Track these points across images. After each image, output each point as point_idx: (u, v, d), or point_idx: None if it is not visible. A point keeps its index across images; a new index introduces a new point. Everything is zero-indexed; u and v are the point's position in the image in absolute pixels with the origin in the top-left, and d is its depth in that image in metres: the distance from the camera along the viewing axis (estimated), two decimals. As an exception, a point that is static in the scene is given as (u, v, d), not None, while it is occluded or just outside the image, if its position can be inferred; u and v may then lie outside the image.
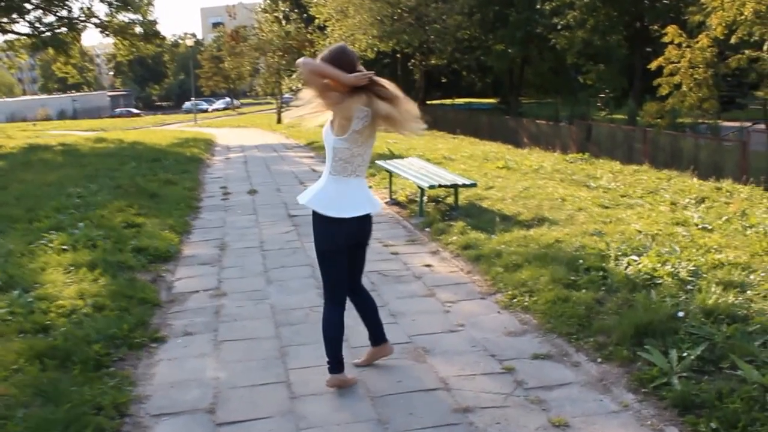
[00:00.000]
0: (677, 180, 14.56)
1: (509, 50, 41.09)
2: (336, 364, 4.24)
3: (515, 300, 5.77)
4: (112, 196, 10.79)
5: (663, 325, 4.63)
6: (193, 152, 20.03)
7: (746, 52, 22.25)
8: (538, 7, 38.19)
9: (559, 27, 36.51)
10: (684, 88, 22.17)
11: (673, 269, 5.92)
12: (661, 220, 8.61)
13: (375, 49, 35.88)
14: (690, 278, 5.74)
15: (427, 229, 8.75)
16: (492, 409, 3.93)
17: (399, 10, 35.21)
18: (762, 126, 28.60)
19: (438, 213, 9.39)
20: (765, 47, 21.56)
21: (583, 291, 5.60)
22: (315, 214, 4.17)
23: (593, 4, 34.70)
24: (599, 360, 4.51)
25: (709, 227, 8.19)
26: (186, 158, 18.35)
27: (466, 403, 4.00)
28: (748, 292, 5.42)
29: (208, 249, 8.11)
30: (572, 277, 5.93)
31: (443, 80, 48.65)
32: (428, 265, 7.13)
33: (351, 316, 4.51)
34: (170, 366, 4.70)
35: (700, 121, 25.47)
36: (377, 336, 4.57)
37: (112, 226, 8.61)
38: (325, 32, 37.73)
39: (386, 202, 10.70)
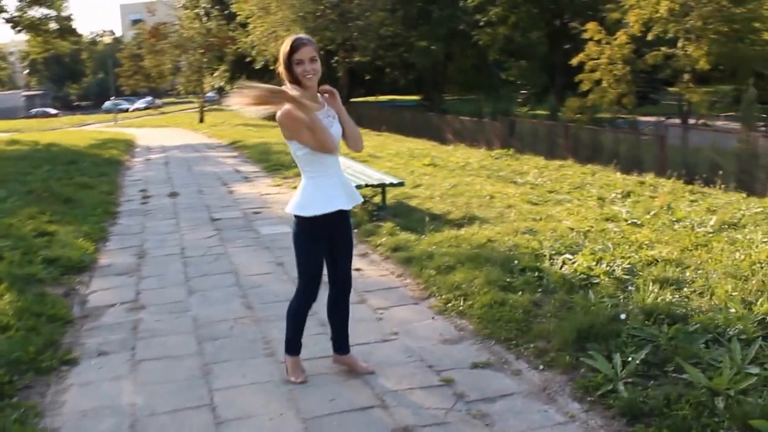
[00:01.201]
0: (601, 174, 14.68)
1: (432, 47, 41.15)
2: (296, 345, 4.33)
3: (449, 304, 5.54)
4: (23, 203, 10.19)
5: (604, 328, 4.47)
6: (112, 154, 19.33)
7: (662, 48, 22.70)
8: (461, 4, 38.31)
9: (481, 24, 36.69)
10: (604, 84, 22.50)
11: (608, 268, 5.80)
12: (591, 216, 8.56)
13: (297, 46, 35.35)
14: (626, 276, 5.63)
15: (355, 231, 8.44)
16: (433, 427, 3.67)
17: (322, 7, 34.83)
18: (675, 120, 29.25)
19: (365, 213, 9.12)
20: (679, 44, 22.03)
21: (520, 293, 5.42)
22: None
23: (515, 1, 35.00)
24: (541, 367, 4.31)
25: (638, 222, 8.16)
26: (104, 160, 17.67)
27: (405, 422, 3.73)
28: (684, 289, 5.33)
29: (125, 257, 7.65)
30: (507, 279, 5.74)
31: (367, 77, 48.39)
32: (357, 269, 6.82)
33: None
34: (82, 392, 4.28)
35: (618, 116, 25.88)
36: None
37: (21, 235, 8.07)
38: (247, 29, 37.09)
39: (312, 203, 10.39)
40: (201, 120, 41.20)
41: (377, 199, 9.81)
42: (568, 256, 6.25)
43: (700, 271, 5.81)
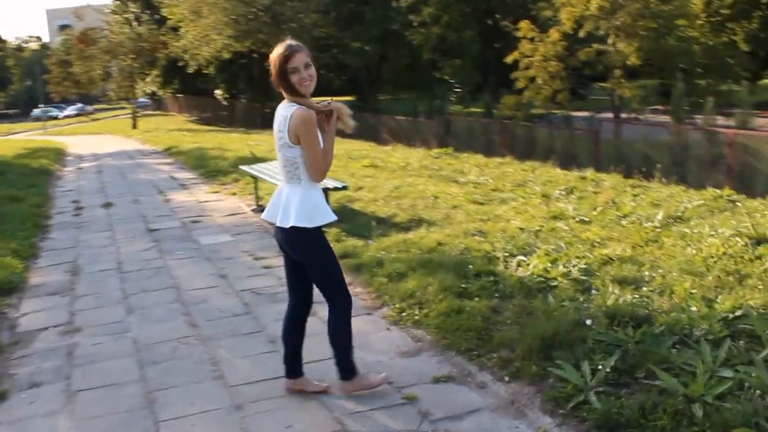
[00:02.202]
0: (541, 171, 14.64)
1: (366, 47, 40.98)
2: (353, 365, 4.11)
3: (404, 314, 5.32)
4: (-57, 219, 9.63)
5: (569, 335, 4.31)
6: (41, 163, 18.56)
7: (594, 45, 22.98)
8: (394, 4, 38.25)
9: (414, 24, 36.68)
10: (539, 81, 22.64)
11: (565, 269, 5.67)
12: (539, 214, 8.45)
13: (231, 49, 34.83)
14: (583, 278, 5.51)
15: (300, 238, 8.21)
16: (399, 452, 3.46)
17: (254, 9, 34.29)
18: (606, 115, 29.66)
19: (309, 219, 8.86)
20: (610, 40, 22.31)
21: (476, 299, 5.24)
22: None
23: (447, 0, 35.09)
24: (506, 379, 4.11)
25: (586, 219, 8.07)
26: (33, 170, 16.94)
27: (369, 448, 3.51)
28: (644, 288, 5.23)
29: (58, 275, 7.21)
30: (462, 285, 5.55)
31: (300, 79, 47.92)
32: (305, 279, 6.59)
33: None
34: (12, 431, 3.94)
35: (551, 112, 26.11)
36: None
37: (-59, 255, 7.58)
38: (179, 33, 36.34)
39: (252, 210, 10.07)
40: (134, 126, 40.28)
41: (320, 203, 9.56)
42: (522, 257, 6.10)
43: (655, 269, 5.73)
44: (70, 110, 78.16)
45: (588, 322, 4.41)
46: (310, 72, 3.71)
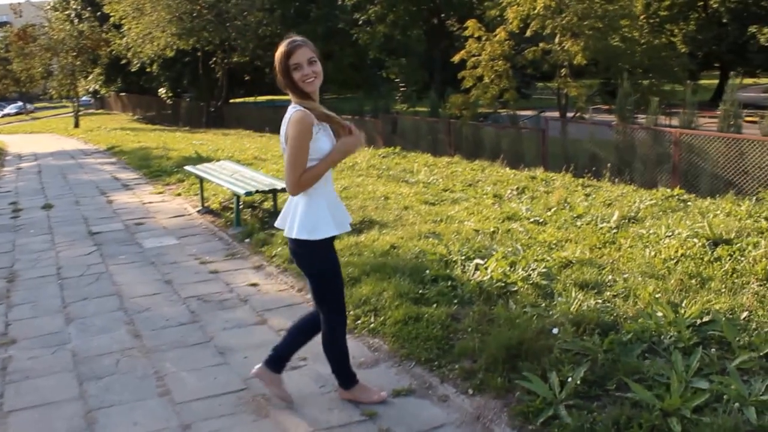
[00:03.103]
0: (491, 170, 14.56)
1: (310, 46, 40.48)
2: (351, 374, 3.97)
3: (359, 322, 5.09)
4: None
5: (534, 344, 4.12)
6: (-24, 164, 17.87)
7: (540, 44, 23.05)
8: (339, 2, 37.94)
9: (360, 22, 36.44)
10: (486, 80, 22.57)
11: (524, 273, 5.49)
12: (492, 215, 8.31)
13: (175, 47, 34.13)
14: (544, 282, 5.34)
15: (247, 241, 7.93)
16: (361, 475, 3.23)
17: (198, 7, 33.66)
18: (549, 114, 29.84)
19: (256, 221, 8.59)
20: (556, 40, 22.40)
21: (434, 306, 5.03)
22: None
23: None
24: (470, 391, 3.91)
25: (541, 220, 7.96)
26: (-33, 171, 16.28)
27: (328, 471, 3.27)
28: (606, 292, 5.09)
29: (-10, 282, 6.82)
30: (419, 290, 5.35)
31: (246, 78, 47.33)
32: (254, 284, 6.32)
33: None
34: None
35: (496, 111, 26.09)
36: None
37: None
38: (122, 31, 35.48)
39: (198, 211, 9.74)
40: (76, 125, 39.27)
41: (267, 204, 9.29)
42: (479, 261, 5.92)
43: (616, 272, 5.61)
44: (10, 109, 76.33)
45: (555, 330, 4.24)
46: (314, 68, 3.46)
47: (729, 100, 15.49)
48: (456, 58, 23.35)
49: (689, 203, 9.06)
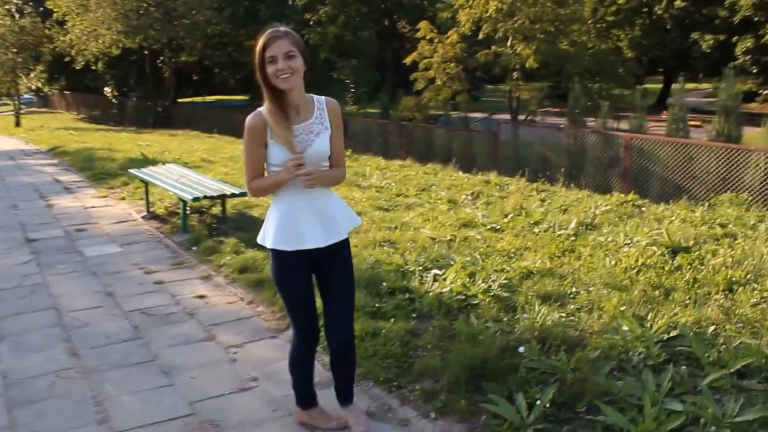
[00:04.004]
0: (444, 174, 14.43)
1: (261, 46, 40.06)
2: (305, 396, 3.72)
3: (314, 337, 4.84)
4: None
5: (499, 363, 3.94)
6: None
7: (493, 47, 23.05)
8: (290, 2, 37.55)
9: (311, 23, 36.12)
10: (438, 82, 22.47)
11: (485, 284, 5.31)
12: (448, 222, 8.13)
13: (121, 45, 33.34)
14: (506, 294, 5.17)
15: (195, 248, 7.60)
16: None
17: (145, 4, 32.88)
18: (499, 116, 29.91)
19: (204, 227, 8.26)
20: (508, 43, 22.39)
21: (392, 320, 4.81)
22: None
23: (344, 0, 34.73)
24: (433, 415, 3.68)
25: (498, 227, 7.81)
26: None
27: None
28: (570, 305, 4.94)
29: None
30: (376, 304, 5.12)
31: (194, 77, 46.61)
32: (201, 296, 6.01)
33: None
34: None
35: (446, 113, 26.02)
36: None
37: None
38: (65, 27, 34.51)
39: (143, 217, 9.36)
40: (17, 124, 38.03)
41: (216, 209, 8.97)
42: (437, 271, 5.72)
43: (578, 283, 5.46)
44: (-56, 107, 73.99)
45: (521, 349, 4.04)
46: (291, 64, 3.13)
47: (677, 104, 15.60)
48: (408, 60, 23.20)
49: (644, 209, 9.03)
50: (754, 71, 34.46)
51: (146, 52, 36.95)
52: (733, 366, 3.82)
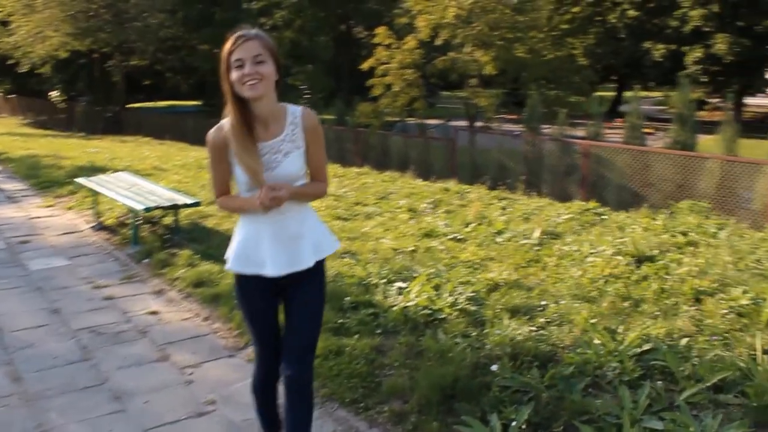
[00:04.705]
0: (402, 182, 14.25)
1: (215, 50, 39.64)
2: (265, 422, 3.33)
3: (274, 354, 4.61)
4: None
5: (471, 381, 3.76)
6: None
7: (450, 54, 23.05)
8: (245, 6, 37.18)
9: (266, 27, 35.79)
10: (396, 88, 22.40)
11: (451, 298, 5.13)
12: (409, 231, 7.95)
13: (69, 48, 32.57)
14: (473, 308, 4.99)
15: (146, 261, 7.30)
16: None
17: (95, 6, 32.16)
18: (455, 123, 29.96)
19: (157, 239, 7.94)
20: (467, 49, 22.41)
21: (356, 337, 4.61)
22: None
23: (300, 4, 34.53)
24: (403, 439, 3.51)
25: (461, 237, 7.65)
26: None
27: None
28: (539, 318, 4.78)
29: None
30: (339, 319, 4.91)
31: (146, 82, 45.88)
32: (154, 313, 5.73)
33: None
34: None
35: (402, 119, 25.99)
36: None
37: None
38: (9, 28, 33.61)
39: (92, 228, 9.01)
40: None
41: (168, 219, 8.65)
42: (401, 284, 5.53)
43: (546, 294, 5.32)
44: None
45: (494, 368, 3.87)
46: (260, 69, 2.75)
47: (633, 112, 15.68)
48: (365, 66, 23.10)
49: (605, 217, 8.96)
50: (704, 80, 35.02)
51: (96, 56, 36.20)
52: (708, 380, 3.71)
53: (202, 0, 39.44)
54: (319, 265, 3.09)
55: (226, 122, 2.86)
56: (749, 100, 40.51)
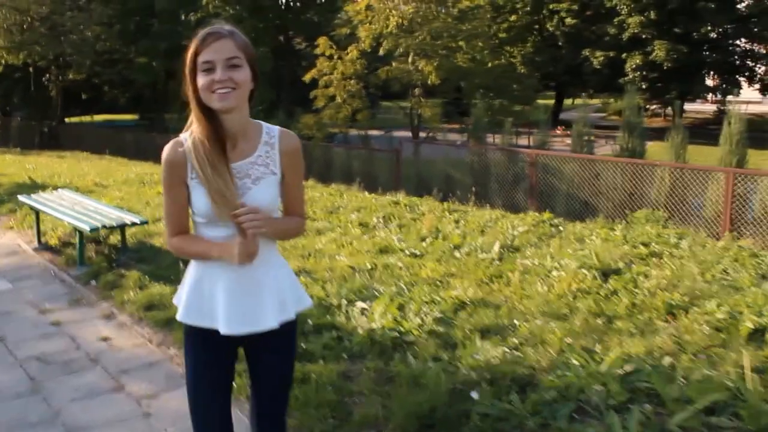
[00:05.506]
0: (349, 195, 14.04)
1: (153, 63, 38.94)
2: None
3: (234, 384, 4.35)
4: None
5: (448, 409, 3.57)
6: None
7: (393, 64, 22.97)
8: (183, 18, 36.60)
9: (205, 39, 35.27)
10: (338, 99, 22.20)
11: (418, 318, 4.94)
12: (364, 248, 7.75)
13: (3, 61, 31.60)
14: (441, 329, 4.80)
15: (93, 283, 6.94)
16: None
17: (30, 19, 31.33)
18: (394, 133, 29.91)
19: (103, 259, 7.58)
20: (410, 59, 22.35)
21: (321, 362, 4.38)
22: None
23: (239, 15, 34.10)
24: (383, 476, 3.30)
25: (418, 253, 7.46)
26: None
27: None
28: (511, 339, 4.62)
29: None
30: (302, 344, 4.68)
31: (83, 96, 44.82)
32: (105, 338, 5.41)
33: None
34: None
35: (342, 130, 25.80)
36: None
37: None
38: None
39: (34, 248, 8.58)
40: None
41: (114, 238, 8.29)
42: (363, 305, 5.32)
43: (514, 313, 5.17)
44: None
45: (474, 395, 3.69)
46: (234, 75, 2.25)
47: (580, 119, 15.75)
48: (307, 77, 22.87)
49: (561, 228, 8.90)
50: (643, 87, 35.69)
51: (31, 69, 35.23)
52: (699, 402, 3.57)
53: (139, 12, 38.76)
54: (289, 325, 2.51)
55: (187, 136, 2.36)
56: (688, 106, 41.46)
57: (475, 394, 3.69)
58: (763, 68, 41.68)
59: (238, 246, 2.24)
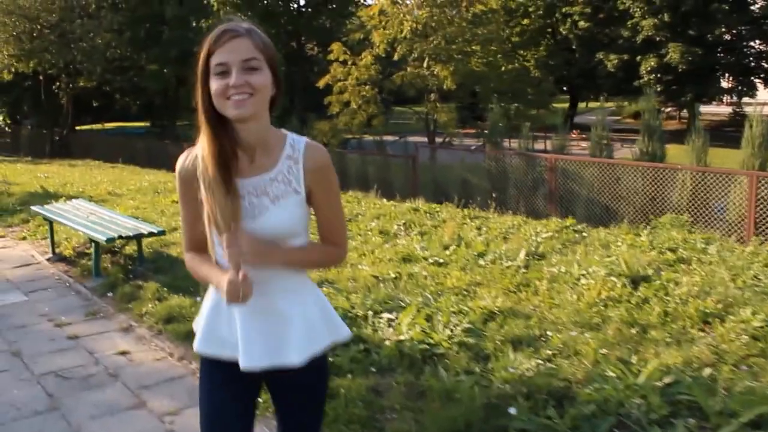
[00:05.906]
0: (367, 202, 13.93)
1: (164, 70, 38.97)
2: None
3: (260, 400, 4.23)
4: None
5: (485, 426, 3.44)
6: None
7: (408, 68, 22.84)
8: (194, 24, 36.63)
9: (216, 46, 35.27)
10: (353, 105, 22.10)
11: (447, 330, 4.80)
12: (387, 256, 7.62)
13: (13, 69, 31.67)
14: (471, 340, 4.67)
15: (110, 295, 6.84)
16: None
17: (39, 27, 31.38)
18: (409, 138, 29.71)
19: (119, 270, 7.48)
20: (425, 64, 22.22)
21: (349, 377, 4.25)
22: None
23: (251, 21, 34.00)
24: (418, 498, 3.16)
25: (441, 261, 7.33)
26: None
27: None
28: (544, 350, 4.48)
29: None
30: (329, 357, 4.53)
31: (94, 104, 44.91)
32: (124, 353, 5.30)
33: None
34: None
35: (356, 136, 25.67)
36: None
37: None
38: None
39: (49, 259, 8.49)
40: None
41: (130, 248, 8.19)
42: (389, 316, 5.19)
43: (546, 323, 5.03)
44: None
45: (512, 410, 3.55)
46: (252, 79, 1.96)
47: (599, 123, 15.54)
48: (321, 83, 22.77)
49: (585, 234, 8.75)
50: (658, 89, 35.43)
51: (41, 77, 35.32)
52: (744, 416, 3.43)
53: (149, 19, 38.78)
54: (318, 363, 2.20)
55: (190, 150, 2.15)
56: (702, 109, 41.16)
57: (513, 410, 3.55)
58: (778, 70, 41.33)
59: (227, 283, 1.96)
